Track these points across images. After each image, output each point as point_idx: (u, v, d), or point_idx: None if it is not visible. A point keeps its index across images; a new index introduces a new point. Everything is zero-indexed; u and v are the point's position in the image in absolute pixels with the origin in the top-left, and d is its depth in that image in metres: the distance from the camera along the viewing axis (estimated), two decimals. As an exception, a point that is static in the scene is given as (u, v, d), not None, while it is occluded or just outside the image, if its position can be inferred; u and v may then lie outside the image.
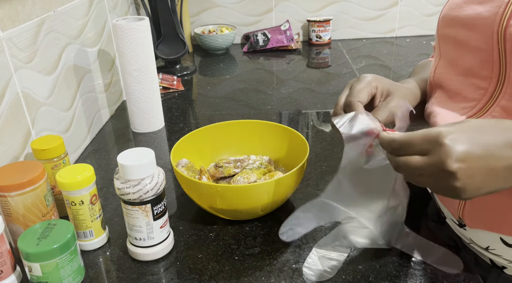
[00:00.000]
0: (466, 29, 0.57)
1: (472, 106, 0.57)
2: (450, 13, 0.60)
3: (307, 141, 0.71)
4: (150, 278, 0.60)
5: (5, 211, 0.59)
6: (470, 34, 0.56)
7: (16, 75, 0.68)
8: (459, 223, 0.65)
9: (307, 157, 0.67)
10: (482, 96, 0.56)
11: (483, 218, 0.59)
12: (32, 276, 0.54)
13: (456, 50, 0.59)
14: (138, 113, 0.99)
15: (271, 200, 0.64)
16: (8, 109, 0.66)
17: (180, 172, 0.65)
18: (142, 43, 0.92)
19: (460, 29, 0.58)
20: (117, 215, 0.72)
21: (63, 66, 0.84)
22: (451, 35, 0.60)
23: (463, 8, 0.57)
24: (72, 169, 0.61)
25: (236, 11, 1.61)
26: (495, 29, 0.52)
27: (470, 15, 0.56)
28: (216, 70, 1.41)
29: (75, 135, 0.89)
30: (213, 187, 0.63)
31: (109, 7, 1.11)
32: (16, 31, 0.68)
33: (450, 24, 0.60)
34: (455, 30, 0.59)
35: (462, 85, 0.59)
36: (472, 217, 0.60)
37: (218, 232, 0.67)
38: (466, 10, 0.56)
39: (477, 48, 0.55)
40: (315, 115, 1.06)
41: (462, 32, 0.57)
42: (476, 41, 0.55)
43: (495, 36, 0.52)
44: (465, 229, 0.64)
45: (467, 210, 0.60)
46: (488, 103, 0.55)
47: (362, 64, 1.39)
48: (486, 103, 0.55)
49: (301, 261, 0.61)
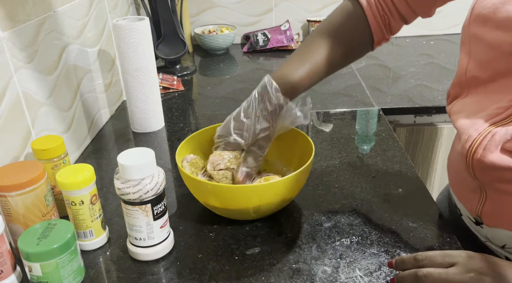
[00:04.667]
0: (501, 32, 0.54)
1: (507, 107, 0.54)
2: (484, 13, 0.56)
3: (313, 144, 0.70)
4: (150, 278, 0.60)
5: (5, 211, 0.59)
6: (505, 37, 0.53)
7: (16, 75, 0.68)
8: (476, 221, 0.64)
9: (311, 160, 0.66)
10: None
11: (504, 217, 0.59)
12: (32, 276, 0.54)
13: (488, 52, 0.57)
14: (138, 113, 0.99)
15: (263, 203, 0.63)
16: (8, 109, 0.66)
17: (181, 167, 0.66)
18: (142, 43, 0.92)
19: (493, 31, 0.55)
20: (117, 215, 0.72)
21: (63, 66, 0.84)
22: (484, 36, 0.57)
23: (499, 9, 0.53)
24: (72, 169, 0.61)
25: (236, 11, 1.61)
26: None
27: (505, 18, 0.53)
28: (216, 70, 1.41)
29: (75, 135, 0.89)
30: (204, 184, 0.63)
31: (109, 7, 1.11)
32: (16, 31, 0.68)
33: (483, 24, 0.56)
34: (489, 31, 0.55)
35: (499, 85, 0.56)
36: (491, 216, 0.60)
37: (218, 232, 0.67)
38: (502, 12, 0.53)
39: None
40: (315, 115, 1.06)
41: (496, 34, 0.54)
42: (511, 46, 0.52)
43: None
44: (482, 227, 0.63)
45: (487, 209, 0.60)
46: None
47: (362, 64, 1.39)
48: None
49: (301, 261, 0.61)
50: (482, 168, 0.56)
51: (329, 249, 0.63)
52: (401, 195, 0.74)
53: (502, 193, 0.57)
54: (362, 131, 0.98)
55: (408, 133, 1.16)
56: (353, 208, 0.71)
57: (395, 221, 0.68)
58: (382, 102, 1.11)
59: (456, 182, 0.71)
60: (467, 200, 0.65)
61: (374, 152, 0.88)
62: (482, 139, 0.55)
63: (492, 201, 0.60)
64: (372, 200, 0.73)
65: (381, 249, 0.62)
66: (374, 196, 0.74)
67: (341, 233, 0.66)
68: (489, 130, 0.55)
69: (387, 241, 0.64)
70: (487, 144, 0.55)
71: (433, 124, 1.15)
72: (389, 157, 0.85)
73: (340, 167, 0.83)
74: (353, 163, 0.84)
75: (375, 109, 1.07)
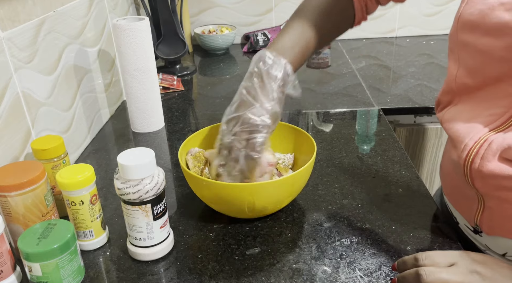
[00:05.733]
0: (492, 37, 0.53)
1: (501, 114, 0.54)
2: (472, 19, 0.55)
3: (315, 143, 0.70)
4: (150, 278, 0.60)
5: (5, 211, 0.59)
6: (496, 43, 0.53)
7: (16, 75, 0.68)
8: (475, 230, 0.64)
9: (313, 160, 0.66)
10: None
11: (504, 225, 0.58)
12: (32, 276, 0.54)
13: (478, 58, 0.56)
14: (138, 113, 0.99)
15: (256, 202, 0.63)
16: (8, 109, 0.66)
17: (182, 162, 0.67)
18: (142, 43, 0.92)
19: (483, 37, 0.54)
20: (117, 215, 0.72)
21: (63, 66, 0.84)
22: (473, 43, 0.56)
23: (488, 15, 0.53)
24: (72, 169, 0.61)
25: (236, 11, 1.61)
26: None
27: (496, 23, 0.52)
28: (216, 70, 1.41)
29: (75, 135, 0.89)
30: (200, 181, 0.63)
31: (109, 7, 1.11)
32: (16, 31, 0.68)
33: (472, 31, 0.56)
34: (478, 37, 0.55)
35: (490, 91, 0.56)
36: (491, 224, 0.60)
37: (218, 232, 0.67)
38: (492, 18, 0.53)
39: (503, 58, 0.52)
40: (315, 115, 1.06)
41: (487, 40, 0.54)
42: (502, 51, 0.52)
43: None
44: (481, 235, 0.63)
45: (486, 217, 0.60)
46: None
47: (362, 64, 1.39)
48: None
49: (301, 261, 0.61)
50: (481, 178, 0.56)
51: (329, 249, 0.63)
52: (401, 195, 0.74)
53: (502, 201, 0.57)
54: (362, 131, 0.98)
55: (408, 133, 1.16)
56: (353, 208, 0.71)
57: (395, 221, 0.68)
58: (382, 102, 1.11)
59: (451, 191, 0.70)
60: (464, 208, 0.64)
61: (374, 152, 0.88)
62: (479, 148, 0.55)
63: (491, 209, 0.59)
64: (372, 200, 0.73)
65: (381, 249, 0.62)
66: (374, 196, 0.74)
67: (341, 233, 0.66)
68: (485, 138, 0.55)
69: (387, 241, 0.64)
70: (484, 153, 0.54)
71: (433, 124, 1.15)
72: (389, 157, 0.85)
73: (340, 167, 0.83)
74: (353, 163, 0.84)
75: (375, 109, 1.07)
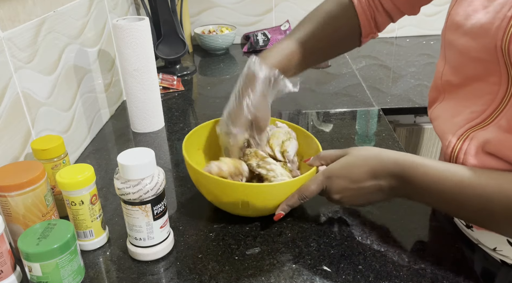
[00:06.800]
0: (469, 39, 0.55)
1: (481, 111, 0.56)
2: (457, 19, 0.57)
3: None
4: (150, 278, 0.60)
5: (5, 211, 0.59)
6: (472, 44, 0.54)
7: (16, 75, 0.68)
8: (467, 225, 0.64)
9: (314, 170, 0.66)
10: (491, 102, 0.54)
11: None
12: (32, 276, 0.54)
13: (459, 57, 0.58)
14: (138, 113, 0.99)
15: (250, 202, 0.63)
16: (8, 109, 0.66)
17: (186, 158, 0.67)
18: (142, 43, 0.92)
19: (462, 37, 0.56)
20: (117, 215, 0.72)
21: (63, 66, 0.84)
22: (455, 42, 0.58)
23: (470, 16, 0.55)
24: (72, 169, 0.61)
25: (236, 11, 1.61)
26: (498, 44, 0.50)
27: (473, 25, 0.54)
28: (216, 70, 1.41)
29: (75, 135, 0.89)
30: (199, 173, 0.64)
31: (109, 7, 1.11)
32: (16, 31, 0.68)
33: (455, 31, 0.58)
34: (458, 37, 0.57)
35: (470, 90, 0.58)
36: None
37: (218, 232, 0.67)
38: (472, 19, 0.54)
39: (479, 58, 0.54)
40: (315, 115, 1.06)
41: (465, 40, 0.56)
42: (478, 52, 0.54)
43: (499, 50, 0.50)
44: (472, 230, 0.63)
45: None
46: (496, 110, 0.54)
47: (362, 64, 1.39)
48: (494, 110, 0.54)
49: (301, 261, 0.61)
50: None
51: (329, 249, 0.63)
52: (401, 195, 0.74)
53: None
54: (362, 131, 0.98)
55: (408, 133, 1.16)
56: (353, 208, 0.71)
57: (395, 221, 0.68)
58: (382, 102, 1.11)
59: None
60: None
61: (374, 152, 0.88)
62: (462, 144, 0.57)
63: None
64: (372, 200, 0.73)
65: (381, 249, 0.62)
66: (374, 196, 0.74)
67: (341, 233, 0.66)
68: (467, 135, 0.57)
69: (387, 241, 0.64)
70: (467, 149, 0.56)
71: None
72: (389, 157, 0.85)
73: (340, 167, 0.83)
74: (353, 163, 0.84)
75: (375, 109, 1.07)
